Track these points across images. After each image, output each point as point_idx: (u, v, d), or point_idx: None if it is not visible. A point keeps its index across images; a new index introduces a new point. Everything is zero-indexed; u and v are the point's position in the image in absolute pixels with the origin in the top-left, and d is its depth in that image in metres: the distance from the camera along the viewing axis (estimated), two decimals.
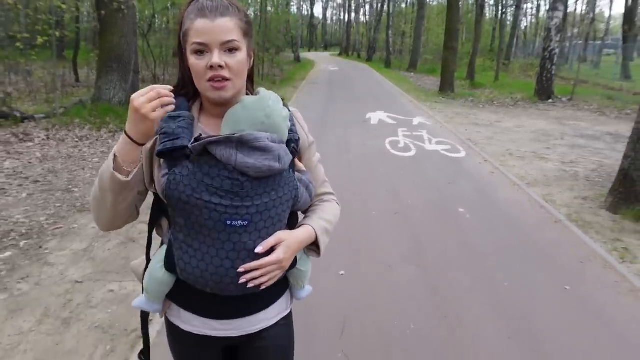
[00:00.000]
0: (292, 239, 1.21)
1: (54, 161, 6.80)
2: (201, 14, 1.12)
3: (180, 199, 1.11)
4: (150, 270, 1.26)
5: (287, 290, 1.42)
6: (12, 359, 2.75)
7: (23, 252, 4.07)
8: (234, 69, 1.15)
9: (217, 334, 1.32)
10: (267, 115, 1.14)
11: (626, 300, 3.58)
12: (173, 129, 1.14)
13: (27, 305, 3.29)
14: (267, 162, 1.10)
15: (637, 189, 5.07)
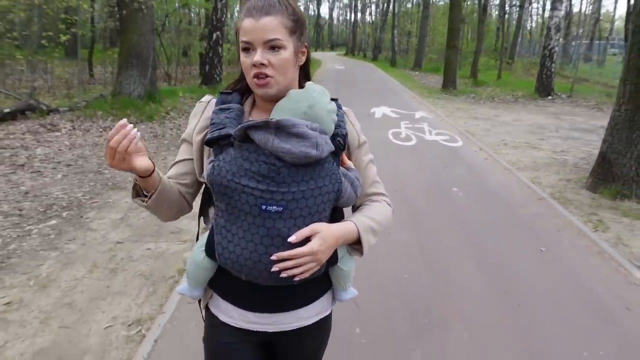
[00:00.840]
0: (328, 231, 1.18)
1: (82, 148, 7.40)
2: (248, 13, 1.17)
3: (221, 183, 1.15)
4: (192, 255, 1.30)
5: (328, 290, 1.41)
6: (71, 297, 3.33)
7: (66, 221, 4.65)
8: (276, 67, 1.18)
9: (253, 328, 1.33)
10: (309, 106, 1.17)
11: (594, 260, 4.13)
12: (221, 119, 1.22)
13: (77, 260, 3.87)
14: (303, 149, 1.10)
15: (613, 169, 5.61)
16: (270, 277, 1.16)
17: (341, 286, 1.39)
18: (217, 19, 13.82)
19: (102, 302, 3.28)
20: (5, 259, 3.84)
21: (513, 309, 3.30)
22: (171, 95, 11.48)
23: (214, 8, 13.76)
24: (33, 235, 4.30)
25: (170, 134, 8.62)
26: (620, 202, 5.45)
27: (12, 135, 7.87)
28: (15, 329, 2.95)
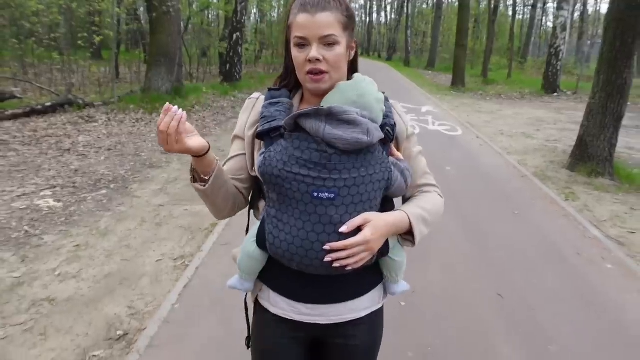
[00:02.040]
0: (380, 220, 1.18)
1: (118, 136, 8.29)
2: (304, 8, 1.17)
3: (272, 173, 1.16)
4: (243, 246, 1.31)
5: (380, 283, 1.39)
6: (127, 241, 4.18)
7: (114, 191, 5.52)
8: (331, 62, 1.19)
9: (303, 319, 1.32)
10: (359, 95, 1.18)
11: (560, 221, 4.87)
12: (271, 112, 1.24)
13: (128, 217, 4.73)
14: (354, 135, 1.11)
15: (589, 150, 6.34)
16: (321, 266, 1.16)
17: (393, 278, 1.37)
18: (237, 20, 14.73)
19: (152, 245, 4.13)
20: (68, 217, 4.70)
21: (483, 251, 4.07)
22: (195, 91, 12.39)
23: (234, 11, 14.67)
24: (88, 201, 5.17)
25: (196, 124, 9.51)
26: (594, 179, 6.17)
27: (54, 126, 8.81)
28: (86, 261, 3.81)
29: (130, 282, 3.53)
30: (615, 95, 6.08)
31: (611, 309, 3.30)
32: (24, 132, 8.26)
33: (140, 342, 2.81)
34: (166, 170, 6.39)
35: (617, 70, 6.01)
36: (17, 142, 7.61)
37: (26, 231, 4.36)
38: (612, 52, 6.09)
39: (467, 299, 3.34)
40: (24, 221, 4.56)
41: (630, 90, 6.19)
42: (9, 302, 3.21)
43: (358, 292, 1.33)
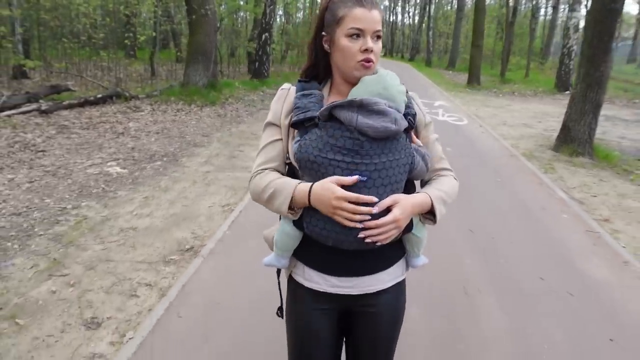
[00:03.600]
0: (407, 200, 1.30)
1: (163, 123, 9.51)
2: (359, 3, 1.30)
3: (308, 159, 1.28)
4: (281, 226, 1.44)
5: (403, 257, 1.52)
6: (185, 195, 5.33)
7: (167, 162, 6.70)
8: (376, 53, 1.34)
9: (337, 291, 1.44)
10: (384, 87, 1.29)
11: (534, 187, 5.88)
12: (305, 103, 1.36)
13: (182, 179, 5.89)
14: (384, 124, 1.23)
15: (571, 134, 7.30)
16: (355, 241, 1.27)
17: (414, 252, 1.50)
18: (265, 22, 15.95)
19: (204, 197, 5.29)
20: (134, 179, 5.89)
21: (465, 204, 5.09)
22: (228, 86, 13.63)
23: (264, 13, 15.90)
24: (148, 169, 6.36)
25: (231, 114, 10.74)
26: (575, 158, 7.14)
27: (106, 114, 10.07)
28: (155, 207, 4.97)
29: (191, 219, 4.68)
30: (594, 86, 7.04)
31: (556, 241, 4.31)
32: (81, 119, 9.53)
33: (203, 251, 3.94)
34: (208, 148, 7.57)
35: (595, 64, 6.97)
36: (77, 127, 8.88)
37: (103, 188, 5.56)
38: (590, 49, 7.04)
39: (445, 233, 4.37)
40: (99, 182, 5.76)
41: (607, 82, 7.13)
42: (102, 230, 4.38)
43: (384, 265, 1.46)
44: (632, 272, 3.80)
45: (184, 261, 3.83)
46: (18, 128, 8.32)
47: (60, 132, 8.37)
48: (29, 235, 4.24)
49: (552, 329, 3.02)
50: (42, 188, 5.47)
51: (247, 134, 8.75)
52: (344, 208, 1.22)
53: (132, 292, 3.38)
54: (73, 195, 5.29)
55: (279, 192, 1.33)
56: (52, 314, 3.09)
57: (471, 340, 2.87)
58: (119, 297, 3.30)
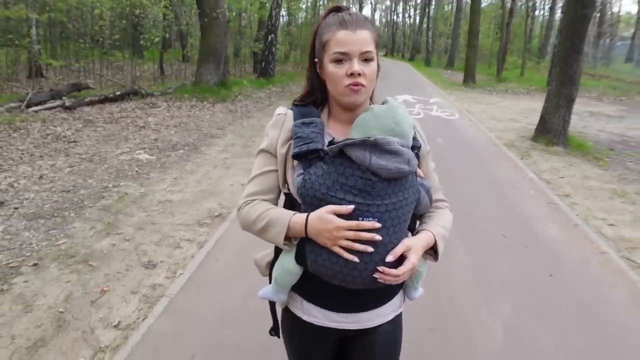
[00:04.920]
0: (418, 246, 1.29)
1: (180, 118, 10.39)
2: (343, 26, 1.25)
3: (315, 196, 1.23)
4: (281, 262, 1.39)
5: (401, 290, 1.51)
6: (208, 176, 6.21)
7: (189, 151, 7.58)
8: (368, 77, 1.27)
9: (335, 326, 1.42)
10: (396, 123, 1.24)
11: (510, 170, 6.76)
12: (307, 133, 1.30)
13: (204, 164, 6.77)
14: (397, 165, 1.20)
15: (547, 125, 8.19)
16: (363, 282, 1.25)
17: (414, 285, 1.49)
18: (271, 23, 16.86)
19: (225, 177, 6.17)
20: (162, 164, 6.77)
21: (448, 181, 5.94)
22: (237, 84, 14.54)
23: (270, 15, 16.80)
24: (172, 156, 7.24)
25: (241, 110, 11.66)
26: (550, 147, 8.02)
27: (125, 110, 10.95)
28: (184, 185, 5.85)
29: (216, 194, 5.56)
30: (567, 82, 7.92)
31: (520, 209, 5.19)
32: (103, 114, 10.42)
33: (230, 217, 4.82)
34: (224, 139, 8.46)
35: (568, 63, 7.84)
36: (101, 121, 9.76)
37: (136, 171, 6.44)
38: (564, 50, 7.92)
39: None
40: (132, 166, 6.64)
41: (579, 79, 8.00)
42: (143, 202, 5.26)
43: (384, 299, 1.44)
44: (579, 232, 4.67)
45: (215, 224, 4.71)
46: (47, 122, 9.20)
47: (86, 125, 9.25)
48: (81, 207, 5.12)
49: (505, 267, 3.89)
50: (83, 171, 6.34)
51: (257, 127, 9.64)
52: (346, 236, 1.20)
53: (176, 245, 4.26)
54: (111, 177, 6.16)
55: (273, 223, 1.30)
56: (116, 259, 3.97)
57: (439, 271, 3.72)
58: (167, 248, 4.19)
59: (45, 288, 3.49)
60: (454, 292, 3.56)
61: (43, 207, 5.06)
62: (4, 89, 12.56)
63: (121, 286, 3.56)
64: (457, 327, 3.11)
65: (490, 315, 3.25)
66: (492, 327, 3.13)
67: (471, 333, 3.06)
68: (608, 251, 4.23)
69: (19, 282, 3.57)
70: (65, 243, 4.22)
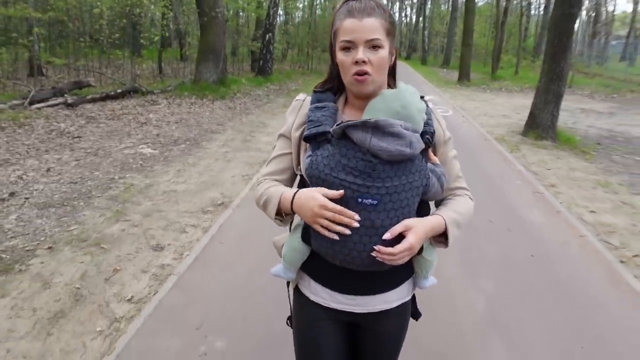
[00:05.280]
0: (420, 225, 1.27)
1: (180, 114, 10.65)
2: (350, 14, 1.26)
3: (319, 177, 1.26)
4: (289, 240, 1.46)
5: (411, 277, 1.50)
6: (210, 168, 6.47)
7: (190, 145, 7.84)
8: (375, 65, 1.26)
9: (341, 308, 1.44)
10: (402, 106, 1.24)
11: (499, 162, 7.04)
12: (318, 117, 1.34)
13: (205, 158, 7.03)
14: (398, 147, 1.19)
15: (537, 120, 8.48)
16: (362, 263, 1.27)
17: (423, 274, 1.48)
18: (269, 23, 17.12)
19: (226, 170, 6.44)
20: (165, 158, 7.03)
21: None
22: (235, 82, 14.80)
23: (267, 14, 17.06)
24: (175, 150, 7.50)
25: (240, 107, 11.92)
26: (539, 141, 8.31)
27: (127, 107, 11.20)
28: (187, 177, 6.11)
29: (218, 185, 5.82)
30: (555, 79, 8.21)
31: (507, 198, 5.46)
32: (105, 111, 10.66)
33: (232, 205, 5.09)
34: (224, 134, 8.72)
35: (556, 61, 8.14)
36: (103, 117, 10.01)
37: (141, 164, 6.70)
38: (552, 48, 8.21)
39: None
40: (137, 159, 6.90)
41: (567, 76, 8.30)
42: (148, 192, 5.52)
43: (391, 285, 1.44)
44: (560, 217, 4.95)
45: (218, 212, 4.98)
46: (50, 119, 9.44)
47: (89, 122, 9.50)
48: (89, 197, 5.37)
49: (489, 248, 4.17)
50: (89, 164, 6.60)
51: (256, 123, 9.91)
52: (324, 216, 1.22)
53: (182, 230, 4.53)
54: (117, 169, 6.42)
55: (269, 199, 1.37)
56: (126, 242, 4.23)
57: None
58: (173, 233, 4.45)
59: (60, 268, 3.75)
60: (442, 268, 3.83)
61: (52, 197, 5.31)
62: (6, 86, 12.80)
63: (132, 266, 3.83)
64: (443, 299, 3.39)
65: (475, 290, 3.53)
66: (476, 300, 3.41)
67: (456, 305, 3.34)
68: (587, 235, 4.52)
69: (36, 263, 3.83)
70: (76, 229, 4.48)
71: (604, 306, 3.39)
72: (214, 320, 3.10)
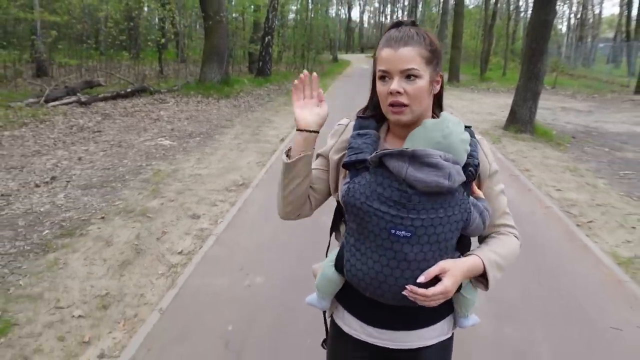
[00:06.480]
0: (457, 268, 1.21)
1: (189, 112, 11.47)
2: (388, 44, 1.25)
3: (354, 205, 1.22)
4: (322, 268, 1.42)
5: (450, 314, 1.43)
6: (227, 156, 7.29)
7: (204, 138, 8.66)
8: (412, 95, 1.23)
9: (372, 341, 1.40)
10: (444, 136, 1.19)
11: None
12: (359, 144, 1.31)
13: (221, 148, 7.86)
14: (436, 178, 1.14)
15: (516, 115, 9.43)
16: (392, 298, 1.23)
17: (462, 313, 1.42)
18: (268, 26, 18.00)
19: (241, 157, 7.28)
20: (185, 149, 7.85)
21: None
22: (238, 82, 15.67)
23: (267, 17, 17.92)
24: (191, 142, 8.32)
25: (244, 104, 12.81)
26: (519, 134, 9.22)
27: (137, 105, 12.01)
28: (207, 163, 6.94)
29: (236, 170, 6.66)
30: (533, 78, 9.14)
31: None
32: (117, 109, 11.46)
33: (252, 185, 5.93)
34: (233, 129, 9.56)
35: (533, 62, 9.07)
36: (117, 114, 10.81)
37: (163, 154, 7.51)
38: (530, 50, 9.15)
39: None
40: (159, 150, 7.72)
41: (544, 75, 9.22)
42: (176, 175, 6.34)
43: (428, 321, 1.38)
44: (531, 194, 5.85)
45: (240, 190, 5.82)
46: (68, 115, 10.24)
47: (105, 118, 10.30)
48: (124, 180, 6.18)
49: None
50: (116, 154, 7.41)
51: (261, 119, 10.76)
52: None
53: (213, 204, 5.36)
54: (142, 158, 7.23)
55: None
56: (167, 213, 5.05)
57: None
58: (206, 206, 5.28)
59: (116, 231, 4.57)
60: None
61: (91, 180, 6.11)
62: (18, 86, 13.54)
63: (176, 230, 4.66)
64: None
65: None
66: None
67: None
68: (552, 206, 5.41)
69: (93, 229, 4.64)
70: (121, 204, 5.29)
71: (559, 256, 4.26)
72: (251, 264, 3.94)
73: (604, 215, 5.23)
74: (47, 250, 4.14)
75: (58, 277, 3.70)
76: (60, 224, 4.73)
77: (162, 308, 3.31)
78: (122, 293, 3.53)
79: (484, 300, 3.39)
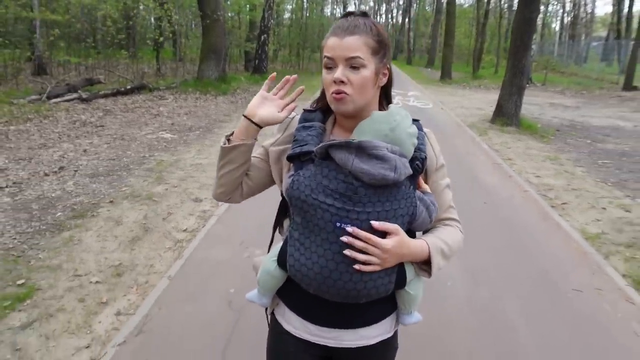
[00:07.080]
0: (406, 240, 1.19)
1: (188, 108, 11.82)
2: (334, 32, 1.23)
3: (299, 197, 1.19)
4: (264, 264, 1.36)
5: (393, 313, 1.41)
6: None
7: (204, 131, 9.03)
8: (355, 85, 1.21)
9: (314, 340, 1.36)
10: (391, 129, 1.18)
11: (469, 143, 8.32)
12: (303, 136, 1.29)
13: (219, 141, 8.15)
14: (382, 171, 1.12)
15: (503, 109, 9.84)
16: (337, 294, 1.19)
17: (406, 310, 1.39)
18: (264, 24, 18.37)
19: None
20: (185, 141, 8.21)
21: None
22: (234, 80, 16.04)
23: (262, 16, 18.30)
24: (191, 136, 8.68)
25: (241, 101, 13.19)
26: (505, 127, 9.64)
27: (137, 102, 12.33)
28: (208, 154, 7.30)
29: None
30: (518, 74, 9.55)
31: (470, 168, 6.73)
32: (118, 105, 11.79)
33: None
34: (231, 123, 9.93)
35: (518, 58, 9.49)
36: (118, 110, 11.14)
37: (165, 146, 7.87)
38: (515, 47, 9.57)
39: None
40: (160, 142, 8.08)
41: (529, 71, 9.63)
42: (178, 165, 6.71)
43: (370, 320, 1.35)
44: (512, 180, 6.26)
45: None
46: (70, 111, 10.57)
47: (106, 114, 10.63)
48: (129, 169, 6.54)
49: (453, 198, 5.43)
50: (119, 146, 7.76)
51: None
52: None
53: None
54: (145, 149, 7.59)
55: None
56: (171, 197, 5.42)
57: None
58: (207, 191, 5.65)
59: (125, 213, 4.93)
60: None
61: (98, 169, 6.46)
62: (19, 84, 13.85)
63: (180, 211, 5.03)
64: None
65: None
66: None
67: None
68: (530, 190, 5.81)
69: (103, 211, 5.01)
70: (128, 189, 5.65)
71: (533, 232, 4.66)
72: (251, 240, 4.32)
73: (578, 198, 5.64)
74: (61, 229, 4.50)
75: (74, 251, 4.06)
76: (72, 207, 5.09)
77: (170, 275, 3.69)
78: (134, 264, 3.90)
79: (461, 269, 3.79)
